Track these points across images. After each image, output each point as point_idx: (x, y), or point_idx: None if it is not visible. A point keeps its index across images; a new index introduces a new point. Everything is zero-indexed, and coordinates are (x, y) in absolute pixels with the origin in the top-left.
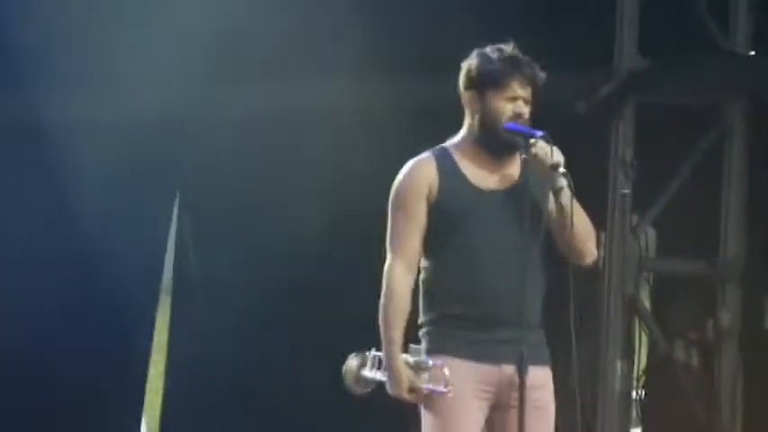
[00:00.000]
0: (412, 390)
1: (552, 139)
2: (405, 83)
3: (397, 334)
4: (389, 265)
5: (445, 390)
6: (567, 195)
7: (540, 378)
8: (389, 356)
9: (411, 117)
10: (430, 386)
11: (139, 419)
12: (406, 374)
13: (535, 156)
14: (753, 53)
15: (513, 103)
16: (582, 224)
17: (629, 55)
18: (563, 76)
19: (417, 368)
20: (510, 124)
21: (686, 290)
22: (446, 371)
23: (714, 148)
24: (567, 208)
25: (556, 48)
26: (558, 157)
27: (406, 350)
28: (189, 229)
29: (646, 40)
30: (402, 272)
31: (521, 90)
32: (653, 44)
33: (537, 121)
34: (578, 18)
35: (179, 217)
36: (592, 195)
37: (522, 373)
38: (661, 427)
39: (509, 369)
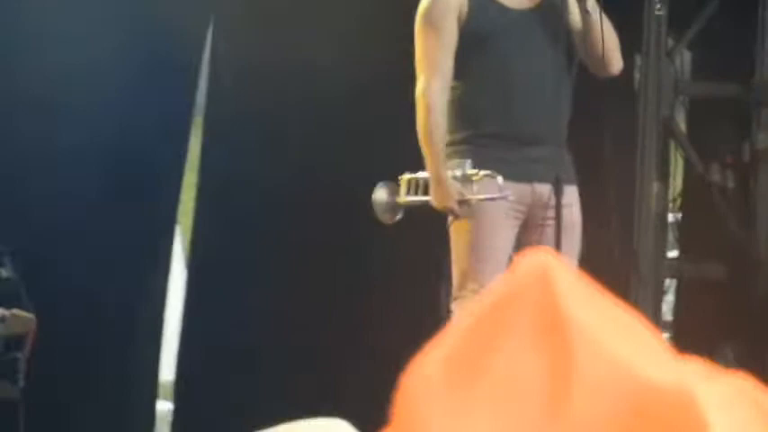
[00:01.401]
0: (462, 201)
1: None
2: None
3: (441, 148)
4: (425, 83)
5: (501, 195)
6: (592, 1)
7: (570, 196)
8: (437, 169)
9: None
10: (483, 195)
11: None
12: (455, 186)
13: None
14: None
15: None
16: (608, 31)
17: None
18: None
19: (466, 180)
20: None
21: (722, 112)
22: (499, 178)
23: None
24: (594, 14)
25: None
26: None
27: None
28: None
29: None
30: (438, 88)
31: None
32: None
33: None
34: None
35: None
36: (626, 17)
37: (558, 192)
38: (697, 249)
39: (541, 187)
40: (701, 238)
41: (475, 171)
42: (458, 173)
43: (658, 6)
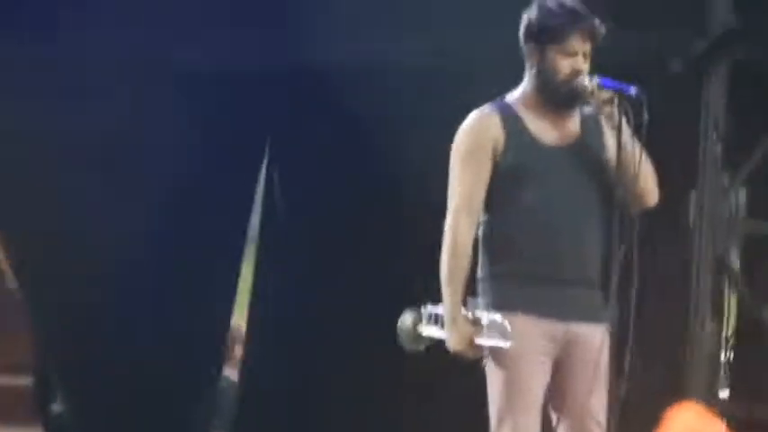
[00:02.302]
0: (474, 346)
1: (644, 96)
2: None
3: (460, 288)
4: (454, 218)
5: (505, 344)
6: (627, 132)
7: (599, 337)
8: (452, 311)
9: None
10: (489, 341)
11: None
12: (468, 330)
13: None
14: None
15: (572, 59)
16: (644, 161)
17: (721, 11)
18: (653, 32)
19: (476, 323)
20: (605, 80)
21: None
22: (506, 324)
23: None
24: (629, 145)
25: (646, 4)
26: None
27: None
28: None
29: None
30: (467, 226)
31: (580, 45)
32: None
33: (629, 79)
34: None
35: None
36: (683, 154)
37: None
38: (749, 390)
39: (573, 326)
40: (752, 378)
41: (483, 314)
42: (469, 314)
43: (715, 143)
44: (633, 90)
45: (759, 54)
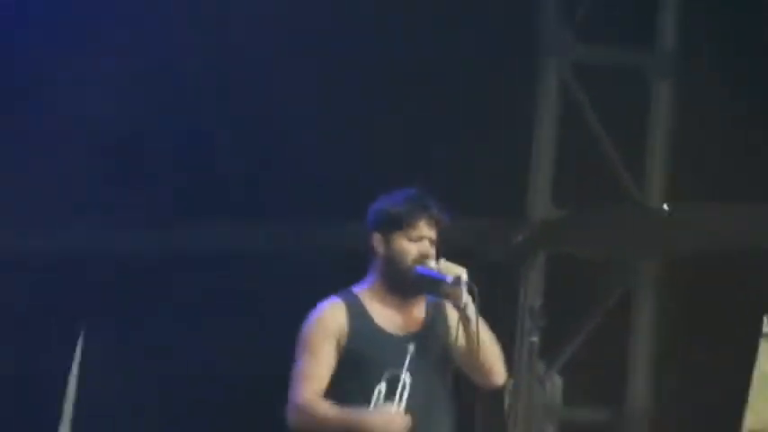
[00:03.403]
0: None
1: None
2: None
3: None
4: (296, 396)
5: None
6: (472, 310)
7: None
8: (353, 418)
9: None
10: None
11: None
12: (383, 415)
13: (447, 296)
14: (666, 207)
15: (419, 243)
16: (489, 341)
17: (542, 204)
18: (474, 222)
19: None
20: (420, 268)
21: None
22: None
23: (623, 297)
24: (473, 323)
25: (468, 194)
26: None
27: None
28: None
29: (560, 191)
30: (313, 393)
31: (427, 230)
32: (567, 195)
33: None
34: (492, 165)
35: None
36: (500, 342)
37: None
38: None
39: None
40: None
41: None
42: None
43: (531, 331)
44: (450, 279)
45: (576, 249)
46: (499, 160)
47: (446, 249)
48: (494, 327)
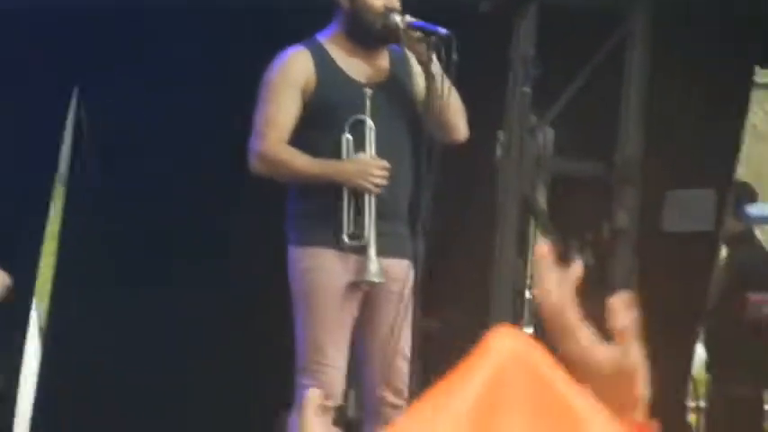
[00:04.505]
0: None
1: (454, 37)
2: None
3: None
4: (260, 144)
5: None
6: (436, 65)
7: (404, 271)
8: (327, 169)
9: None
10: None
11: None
12: (358, 162)
13: (412, 49)
14: None
15: None
16: (452, 96)
17: None
18: None
19: None
20: (416, 22)
21: (583, 190)
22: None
23: (616, 50)
24: (438, 78)
25: None
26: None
27: None
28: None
29: None
30: (276, 140)
31: None
32: None
33: (438, 20)
34: None
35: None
36: (491, 94)
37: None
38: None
39: (381, 260)
40: None
41: None
42: None
43: (523, 82)
44: (442, 30)
45: None
46: None
47: (433, 2)
48: (485, 80)
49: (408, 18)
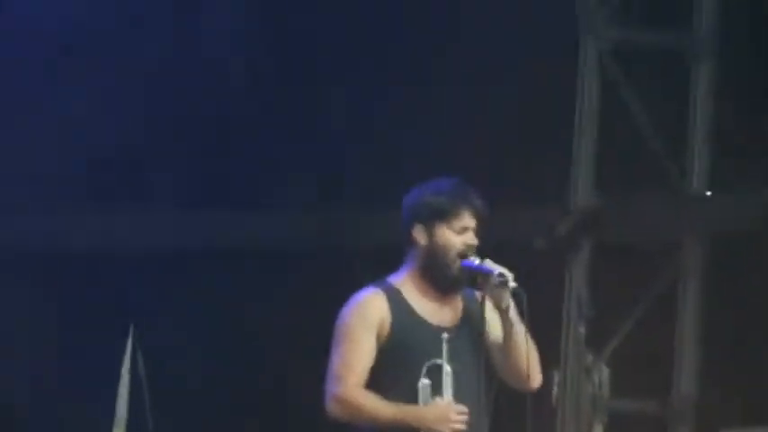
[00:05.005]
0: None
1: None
2: None
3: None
4: (337, 387)
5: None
6: (514, 313)
7: None
8: (407, 416)
9: None
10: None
11: None
12: (437, 407)
13: (490, 295)
14: (709, 194)
15: (464, 235)
16: (529, 346)
17: (584, 192)
18: (519, 211)
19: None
20: (467, 262)
21: (639, 428)
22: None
23: (669, 286)
24: (516, 326)
25: (512, 182)
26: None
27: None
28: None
29: (602, 177)
30: (354, 384)
31: (470, 220)
32: (609, 181)
33: (493, 257)
34: (535, 152)
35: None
36: (547, 333)
37: None
38: None
39: None
40: None
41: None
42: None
43: (578, 322)
44: (496, 272)
45: (621, 236)
46: (540, 148)
47: (488, 241)
48: (540, 318)
49: (490, 263)
